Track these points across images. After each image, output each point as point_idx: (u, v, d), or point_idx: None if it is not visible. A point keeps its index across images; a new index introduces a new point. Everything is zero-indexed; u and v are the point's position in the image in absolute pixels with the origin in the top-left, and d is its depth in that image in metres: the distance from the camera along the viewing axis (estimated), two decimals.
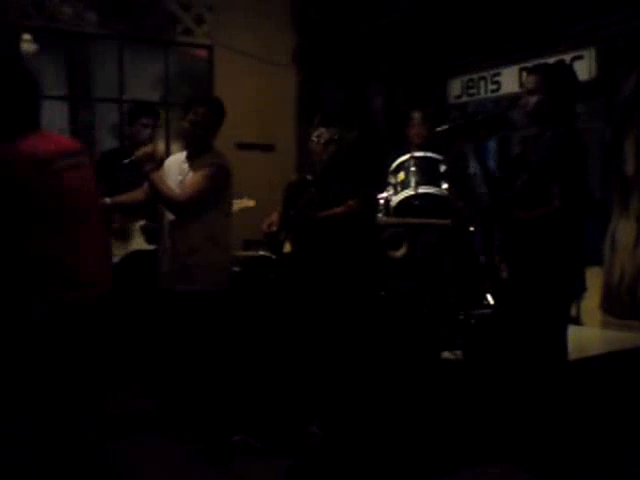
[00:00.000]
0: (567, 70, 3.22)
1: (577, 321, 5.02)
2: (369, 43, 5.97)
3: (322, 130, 3.33)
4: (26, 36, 5.21)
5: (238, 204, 3.99)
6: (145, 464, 3.24)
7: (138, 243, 4.09)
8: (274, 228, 3.29)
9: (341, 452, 3.01)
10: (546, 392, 2.90)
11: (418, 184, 3.63)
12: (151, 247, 3.86)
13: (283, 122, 6.06)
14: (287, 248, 3.38)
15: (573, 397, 3.12)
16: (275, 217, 3.32)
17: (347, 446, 3.01)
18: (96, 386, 2.62)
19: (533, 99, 3.04)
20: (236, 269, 3.90)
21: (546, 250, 2.93)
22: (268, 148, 6.05)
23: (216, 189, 3.35)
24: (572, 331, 3.10)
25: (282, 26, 5.92)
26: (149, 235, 3.92)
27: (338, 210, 3.18)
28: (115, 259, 4.13)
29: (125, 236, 4.13)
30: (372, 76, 6.17)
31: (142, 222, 4.04)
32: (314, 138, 3.30)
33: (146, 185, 3.44)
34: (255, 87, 5.89)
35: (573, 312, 4.96)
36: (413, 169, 3.68)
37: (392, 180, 3.75)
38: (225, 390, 3.41)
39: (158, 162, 3.40)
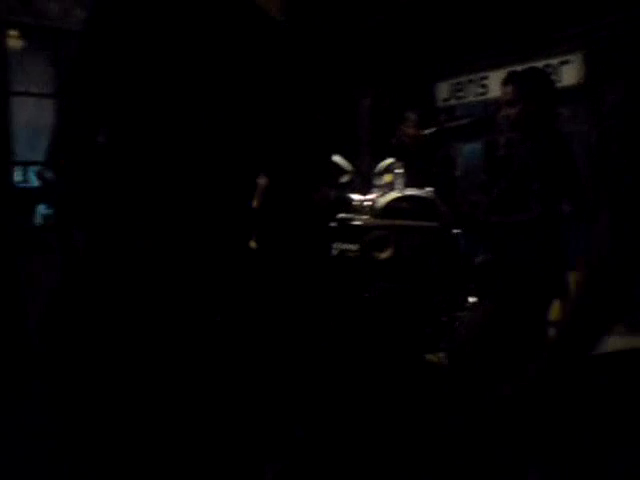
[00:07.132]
0: (541, 76, 3.17)
1: None
2: (357, 44, 5.97)
3: None
4: (13, 32, 5.19)
5: None
6: None
7: None
8: None
9: (324, 455, 3.00)
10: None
11: (404, 186, 3.63)
12: None
13: None
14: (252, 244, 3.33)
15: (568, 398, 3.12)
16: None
17: (329, 449, 2.99)
18: None
19: (513, 110, 3.03)
20: None
21: (523, 254, 2.94)
22: None
23: None
24: None
25: None
26: None
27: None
28: None
29: None
30: (359, 77, 6.17)
31: None
32: None
33: None
34: None
35: None
36: (399, 171, 3.68)
37: (378, 182, 3.75)
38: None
39: None
